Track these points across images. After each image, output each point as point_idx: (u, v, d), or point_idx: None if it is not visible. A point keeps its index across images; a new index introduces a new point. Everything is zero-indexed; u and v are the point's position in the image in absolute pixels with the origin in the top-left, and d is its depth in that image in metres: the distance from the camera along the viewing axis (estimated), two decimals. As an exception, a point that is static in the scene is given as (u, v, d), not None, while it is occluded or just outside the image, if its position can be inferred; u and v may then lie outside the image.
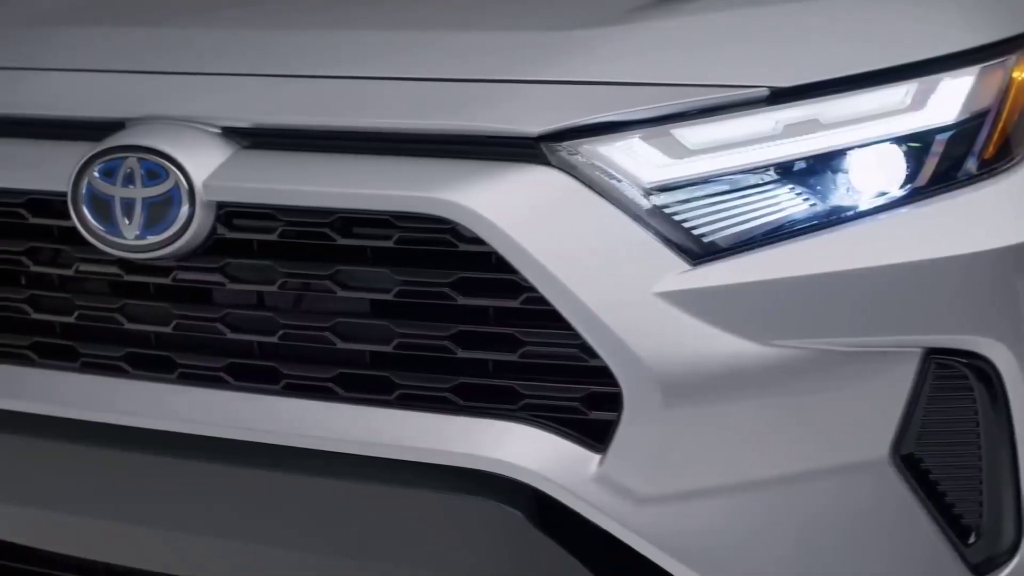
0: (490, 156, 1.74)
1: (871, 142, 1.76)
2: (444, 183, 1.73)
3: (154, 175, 1.85)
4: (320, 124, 1.81)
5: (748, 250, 1.72)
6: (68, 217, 1.91)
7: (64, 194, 1.89)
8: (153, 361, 1.92)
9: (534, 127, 1.72)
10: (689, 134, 1.75)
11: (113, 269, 1.91)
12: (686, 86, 1.75)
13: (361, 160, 1.78)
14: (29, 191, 1.94)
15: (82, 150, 1.90)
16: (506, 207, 1.71)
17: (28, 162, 1.95)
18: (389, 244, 1.76)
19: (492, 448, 1.73)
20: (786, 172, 1.75)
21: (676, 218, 1.73)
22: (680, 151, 1.75)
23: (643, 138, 1.74)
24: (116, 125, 1.91)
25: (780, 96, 1.75)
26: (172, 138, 1.85)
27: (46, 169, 1.92)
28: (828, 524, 1.77)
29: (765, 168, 1.75)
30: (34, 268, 1.97)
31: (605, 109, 1.73)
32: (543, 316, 1.72)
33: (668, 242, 1.71)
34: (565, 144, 1.72)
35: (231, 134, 1.85)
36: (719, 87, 1.74)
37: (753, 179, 1.75)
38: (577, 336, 1.71)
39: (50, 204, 1.95)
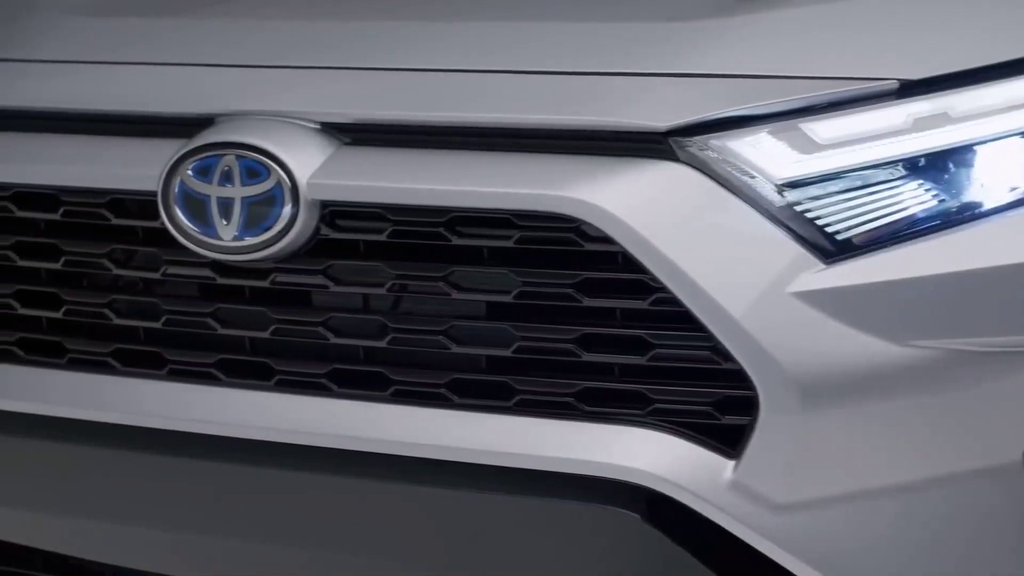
0: (615, 152, 1.70)
1: (1003, 135, 1.75)
2: (570, 180, 1.69)
3: (254, 173, 1.80)
4: (428, 119, 1.77)
5: (882, 248, 1.69)
6: (155, 218, 1.86)
7: (153, 194, 1.84)
8: (248, 368, 1.87)
9: (662, 121, 1.68)
10: (818, 128, 1.71)
11: (205, 272, 1.86)
12: (813, 79, 1.72)
13: (477, 157, 1.74)
14: (112, 191, 1.89)
15: (171, 148, 1.85)
16: (635, 205, 1.67)
17: (110, 161, 1.89)
18: (509, 244, 1.73)
19: (622, 455, 1.69)
20: (918, 167, 1.72)
21: (809, 215, 1.70)
22: (809, 146, 1.72)
23: (771, 133, 1.71)
24: (204, 121, 1.86)
25: (910, 89, 1.72)
26: (271, 134, 1.80)
27: (131, 168, 1.87)
28: (961, 529, 1.75)
29: (896, 163, 1.72)
30: (117, 271, 1.91)
31: (733, 103, 1.70)
32: (673, 318, 1.69)
33: (802, 240, 1.68)
34: (695, 139, 1.69)
35: (331, 130, 1.81)
36: (847, 79, 1.71)
37: (884, 175, 1.72)
38: (710, 338, 1.68)
39: (135, 204, 1.90)
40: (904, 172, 1.72)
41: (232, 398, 1.86)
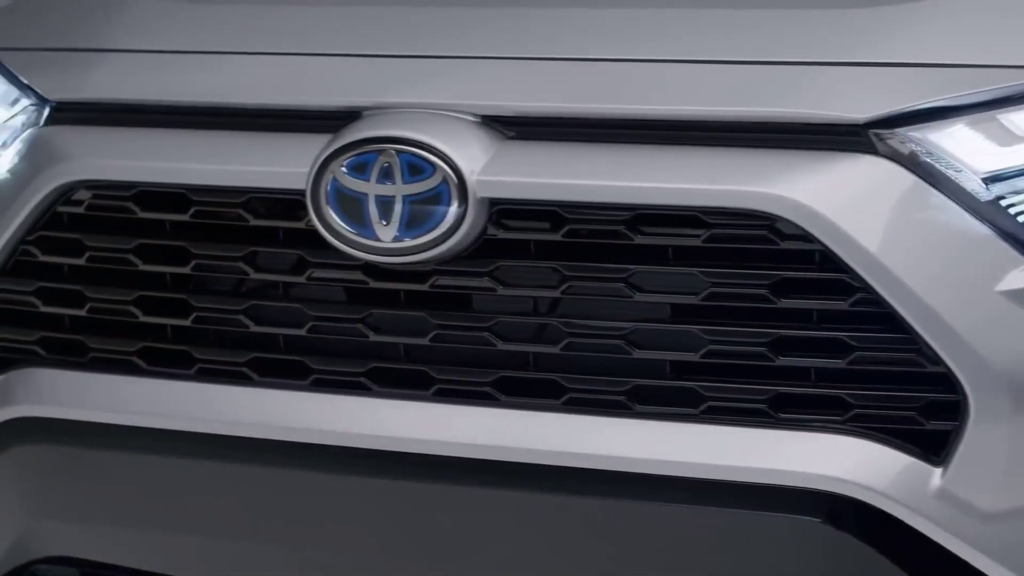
0: (809, 146, 1.66)
1: None
2: (765, 175, 1.65)
3: (417, 170, 1.74)
4: (602, 112, 1.73)
5: (1089, 246, 1.72)
6: (300, 218, 1.81)
7: (299, 193, 1.78)
8: (404, 377, 1.81)
9: (861, 113, 1.65)
10: (1018, 120, 1.68)
11: (357, 275, 1.80)
12: (1010, 67, 1.68)
13: (662, 151, 1.69)
14: (251, 189, 1.83)
15: (316, 143, 1.79)
16: (836, 201, 1.63)
17: (250, 157, 1.82)
18: (697, 243, 1.69)
19: (821, 464, 1.65)
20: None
21: (1013, 211, 1.67)
22: (1009, 138, 1.67)
23: (969, 124, 1.67)
24: (349, 115, 1.80)
25: None
26: (433, 128, 1.74)
27: (274, 165, 1.81)
28: None
29: None
30: (255, 276, 1.85)
31: (930, 93, 1.66)
32: (874, 319, 1.66)
33: (1008, 237, 1.64)
34: (895, 132, 1.65)
35: (492, 124, 1.76)
36: None
37: None
38: (916, 340, 1.64)
39: (277, 204, 1.84)
40: None
41: (386, 410, 1.80)
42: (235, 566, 1.90)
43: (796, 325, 1.69)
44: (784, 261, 1.68)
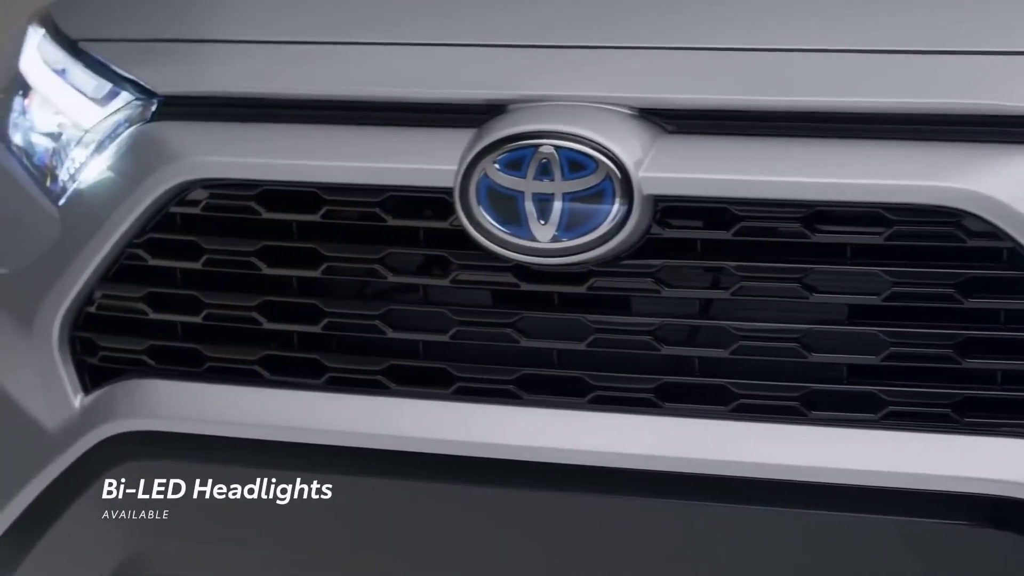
0: (999, 138, 1.62)
1: None
2: (952, 170, 1.61)
3: (577, 166, 1.70)
4: (770, 105, 1.68)
5: None
6: (445, 217, 1.76)
7: (445, 191, 1.74)
8: (558, 384, 1.77)
9: (1051, 103, 1.67)
10: None
11: (507, 277, 1.75)
12: None
13: (839, 146, 1.65)
14: (391, 187, 1.77)
15: (459, 138, 1.74)
16: (1029, 196, 1.67)
17: (390, 154, 1.77)
18: (879, 241, 1.65)
19: (1016, 470, 1.65)
20: None
21: None
22: None
23: None
24: (493, 109, 1.75)
25: None
26: (591, 122, 1.70)
27: (418, 162, 1.75)
28: None
29: None
30: (394, 279, 1.80)
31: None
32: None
33: None
34: None
35: (650, 117, 1.72)
36: None
37: None
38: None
39: (418, 203, 1.79)
40: None
41: (538, 419, 1.75)
42: None
43: (984, 326, 1.66)
44: (971, 259, 1.65)
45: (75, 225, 1.97)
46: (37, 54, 2.15)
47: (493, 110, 1.76)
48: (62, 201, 1.99)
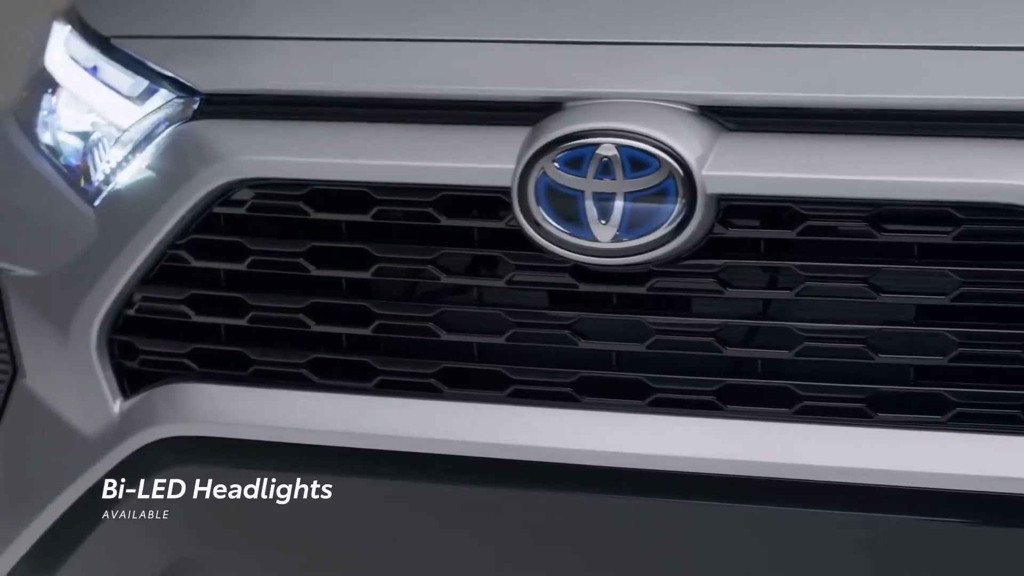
0: None
1: None
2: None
3: (639, 165, 1.68)
4: (834, 102, 1.66)
5: None
6: (500, 217, 1.74)
7: (502, 190, 1.72)
8: (615, 386, 1.76)
9: (1124, 98, 1.66)
10: None
11: (564, 278, 1.73)
12: None
13: (905, 143, 1.63)
14: (445, 187, 1.75)
15: (514, 136, 1.72)
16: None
17: (444, 153, 1.75)
18: (947, 240, 1.64)
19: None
20: None
21: None
22: None
23: None
24: (548, 106, 1.73)
25: None
26: (653, 120, 1.68)
27: (473, 161, 1.73)
28: None
29: None
30: (447, 280, 1.78)
31: None
32: None
33: None
34: None
35: (710, 115, 1.70)
36: None
37: None
38: None
39: (472, 202, 1.77)
40: None
41: (597, 422, 1.72)
42: None
43: (1053, 325, 1.71)
44: (1034, 255, 1.70)
45: (113, 226, 1.94)
46: (64, 51, 2.13)
47: (549, 108, 1.74)
48: (97, 201, 1.97)
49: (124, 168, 1.96)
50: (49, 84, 2.13)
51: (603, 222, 1.69)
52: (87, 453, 1.99)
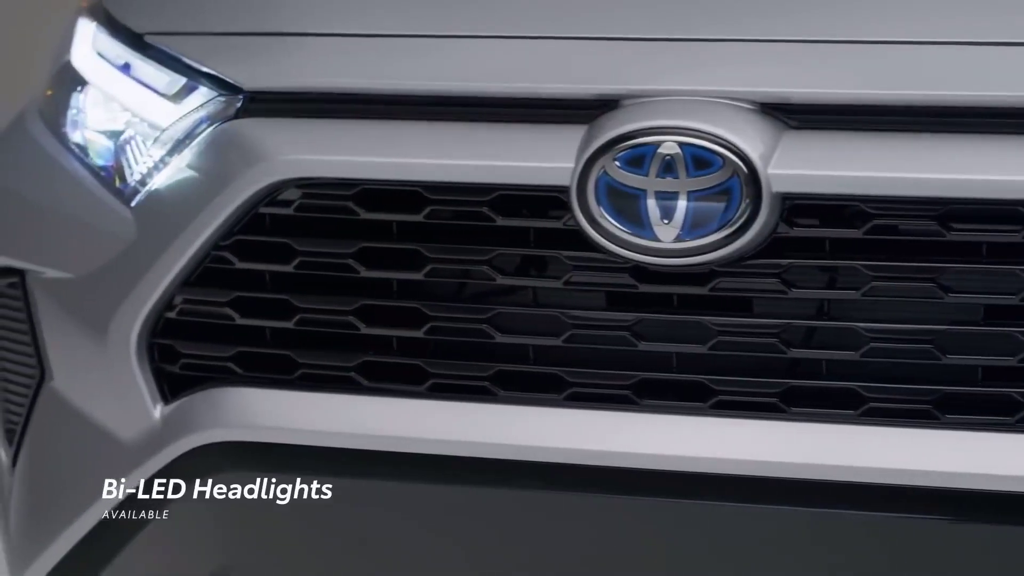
0: None
1: None
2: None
3: (702, 163, 1.66)
4: (900, 99, 1.64)
5: None
6: (558, 217, 1.72)
7: (560, 189, 1.70)
8: (676, 388, 1.73)
9: None
10: None
11: (624, 278, 1.71)
12: None
13: (975, 140, 1.61)
14: (501, 186, 1.73)
15: (571, 134, 1.70)
16: None
17: (500, 151, 1.73)
18: (1018, 239, 1.62)
19: None
20: None
21: None
22: None
23: None
24: (604, 104, 1.71)
25: None
26: (715, 117, 1.66)
27: (531, 159, 1.71)
28: None
29: None
30: (502, 281, 1.75)
31: None
32: None
33: None
34: None
35: (773, 112, 1.68)
36: None
37: None
38: None
39: (528, 202, 1.74)
40: None
41: (657, 425, 1.71)
42: None
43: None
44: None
45: (152, 227, 1.91)
46: (92, 49, 2.11)
47: (606, 105, 1.72)
48: (135, 202, 1.94)
49: (163, 168, 1.94)
50: (77, 82, 2.11)
51: (665, 221, 1.68)
52: (125, 458, 1.97)
